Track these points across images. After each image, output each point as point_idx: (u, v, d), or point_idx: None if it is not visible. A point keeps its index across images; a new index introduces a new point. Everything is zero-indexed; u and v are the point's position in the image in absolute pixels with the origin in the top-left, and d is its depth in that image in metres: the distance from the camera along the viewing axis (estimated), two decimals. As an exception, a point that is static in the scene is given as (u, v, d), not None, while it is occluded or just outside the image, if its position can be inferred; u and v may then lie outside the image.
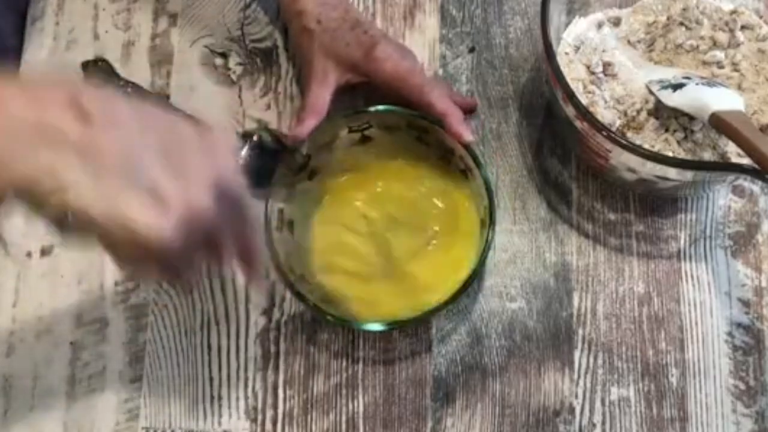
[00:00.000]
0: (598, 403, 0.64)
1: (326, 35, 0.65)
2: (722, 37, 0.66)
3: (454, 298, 0.58)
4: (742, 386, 0.64)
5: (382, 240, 0.65)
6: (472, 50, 0.73)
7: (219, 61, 0.72)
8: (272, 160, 0.63)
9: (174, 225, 0.40)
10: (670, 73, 0.65)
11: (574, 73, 0.66)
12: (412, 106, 0.63)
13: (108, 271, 0.66)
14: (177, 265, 0.45)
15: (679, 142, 0.64)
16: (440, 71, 0.72)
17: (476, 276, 0.59)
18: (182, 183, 0.41)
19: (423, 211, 0.66)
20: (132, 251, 0.41)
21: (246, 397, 0.64)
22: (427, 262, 0.64)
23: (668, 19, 0.68)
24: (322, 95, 0.64)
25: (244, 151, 0.68)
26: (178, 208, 0.40)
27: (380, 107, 0.64)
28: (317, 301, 0.60)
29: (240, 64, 0.72)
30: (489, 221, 0.60)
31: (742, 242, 0.68)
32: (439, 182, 0.66)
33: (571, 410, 0.64)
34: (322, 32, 0.65)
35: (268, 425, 0.63)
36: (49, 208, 0.39)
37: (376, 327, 0.59)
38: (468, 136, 0.61)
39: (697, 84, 0.62)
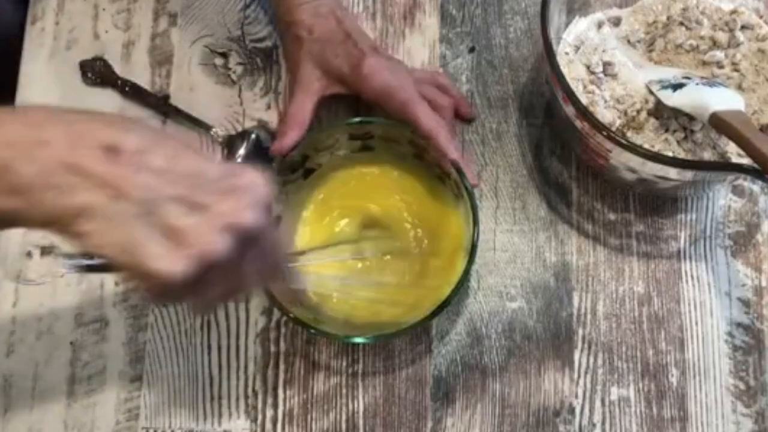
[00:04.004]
0: (598, 403, 0.64)
1: (316, 45, 0.65)
2: (722, 37, 0.66)
3: (430, 317, 0.58)
4: (742, 386, 0.64)
5: (368, 250, 0.65)
6: (472, 50, 0.73)
7: (219, 60, 0.72)
8: (269, 159, 0.63)
9: (187, 268, 0.42)
10: (670, 73, 0.65)
11: (574, 73, 0.66)
12: (401, 120, 0.63)
13: (108, 271, 0.67)
14: (194, 295, 0.47)
15: (679, 142, 0.64)
16: (440, 71, 0.72)
17: (448, 304, 0.58)
18: (201, 227, 0.42)
19: (411, 225, 0.65)
20: (149, 287, 0.43)
21: (246, 397, 0.64)
22: (410, 275, 0.64)
23: (668, 19, 0.68)
24: (304, 105, 0.64)
25: (242, 150, 0.68)
26: (194, 251, 0.42)
27: (384, 120, 0.64)
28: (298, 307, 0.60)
29: (240, 64, 0.72)
30: (470, 249, 0.59)
31: (742, 242, 0.68)
32: (431, 201, 0.66)
33: (571, 410, 0.64)
34: (312, 42, 0.65)
35: (268, 425, 0.63)
36: (73, 244, 0.42)
37: (359, 339, 0.59)
38: (453, 154, 0.61)
39: (697, 84, 0.62)
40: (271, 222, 0.48)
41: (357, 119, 0.64)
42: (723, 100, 0.60)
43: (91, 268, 0.51)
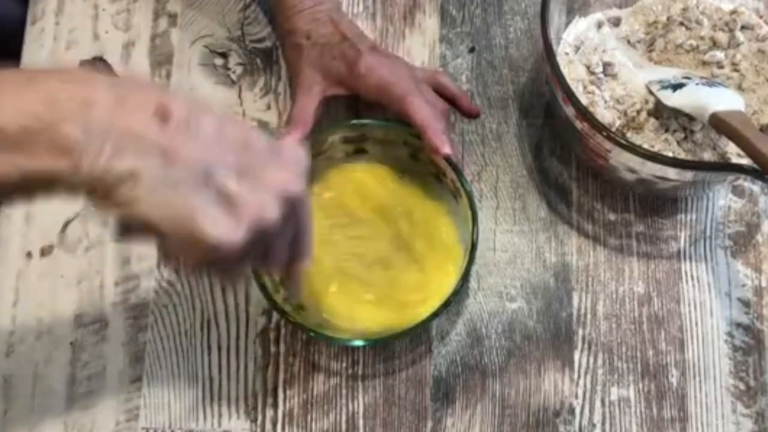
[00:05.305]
0: (598, 403, 0.64)
1: (315, 50, 0.65)
2: (722, 37, 0.66)
3: (430, 318, 0.58)
4: (742, 386, 0.64)
5: (365, 251, 0.65)
6: (472, 50, 0.73)
7: (219, 61, 0.72)
8: None
9: (243, 234, 0.41)
10: (670, 73, 0.65)
11: (574, 73, 0.66)
12: (398, 117, 0.63)
13: (108, 271, 0.66)
14: (232, 266, 0.46)
15: (679, 142, 0.64)
16: (440, 71, 0.72)
17: (449, 304, 0.58)
18: (255, 193, 0.42)
19: (409, 226, 0.65)
20: (194, 256, 0.42)
21: (246, 397, 0.64)
22: (409, 277, 0.64)
23: (668, 19, 0.68)
24: (306, 107, 0.64)
25: None
26: (250, 218, 0.41)
27: (378, 121, 0.64)
28: (294, 308, 0.60)
29: (240, 64, 0.72)
30: (471, 249, 0.59)
31: (742, 242, 0.68)
32: (428, 200, 0.65)
33: (571, 410, 0.64)
34: (311, 47, 0.65)
35: (268, 425, 0.63)
36: (118, 212, 0.41)
37: (358, 342, 0.59)
38: (445, 149, 0.60)
39: (697, 84, 0.63)
40: (307, 193, 0.48)
41: (352, 121, 0.64)
42: (723, 100, 0.60)
43: (130, 233, 0.46)
